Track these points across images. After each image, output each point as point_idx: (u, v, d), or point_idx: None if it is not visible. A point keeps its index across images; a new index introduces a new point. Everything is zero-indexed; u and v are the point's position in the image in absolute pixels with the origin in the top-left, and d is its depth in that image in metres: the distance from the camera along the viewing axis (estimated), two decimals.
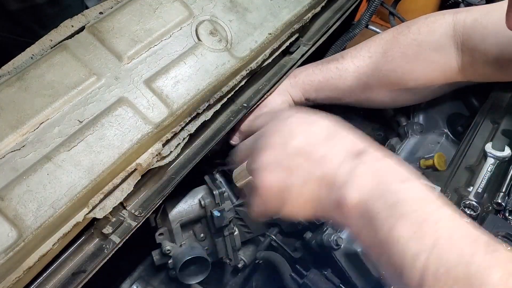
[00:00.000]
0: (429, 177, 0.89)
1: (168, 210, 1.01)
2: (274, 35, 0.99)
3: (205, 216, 1.04)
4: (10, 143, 0.70)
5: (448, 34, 0.96)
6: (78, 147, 0.73)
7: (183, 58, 0.87)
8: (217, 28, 0.93)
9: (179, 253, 1.00)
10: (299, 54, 1.11)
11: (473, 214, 0.79)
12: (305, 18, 1.07)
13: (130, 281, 1.10)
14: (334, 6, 1.23)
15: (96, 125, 0.75)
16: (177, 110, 0.83)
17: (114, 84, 0.80)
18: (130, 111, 0.79)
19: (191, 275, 1.02)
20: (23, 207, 0.66)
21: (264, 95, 1.03)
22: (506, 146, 0.91)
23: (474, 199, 0.83)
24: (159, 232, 1.02)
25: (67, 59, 0.79)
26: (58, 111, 0.74)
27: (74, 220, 0.71)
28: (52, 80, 0.76)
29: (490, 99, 1.03)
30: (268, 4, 1.02)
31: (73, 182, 0.70)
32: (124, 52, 0.83)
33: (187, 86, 0.85)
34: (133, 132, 0.77)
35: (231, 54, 0.92)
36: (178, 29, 0.90)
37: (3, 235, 0.63)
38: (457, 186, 0.86)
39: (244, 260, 1.13)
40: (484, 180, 0.86)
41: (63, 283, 0.73)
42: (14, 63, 0.77)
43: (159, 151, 0.81)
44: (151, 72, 0.84)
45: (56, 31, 0.82)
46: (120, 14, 0.86)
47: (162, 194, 0.85)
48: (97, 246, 0.78)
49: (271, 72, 1.08)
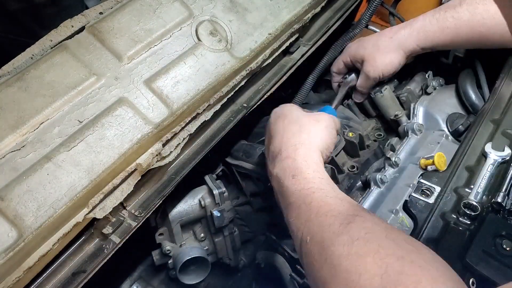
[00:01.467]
0: (429, 177, 0.89)
1: (168, 210, 1.01)
2: (274, 35, 0.99)
3: (205, 216, 1.04)
4: (10, 143, 0.70)
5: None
6: (78, 147, 0.73)
7: (183, 58, 0.87)
8: (217, 28, 0.93)
9: (179, 253, 1.00)
10: (299, 54, 1.11)
11: (473, 214, 0.79)
12: (305, 18, 1.07)
13: (130, 281, 1.10)
14: (334, 6, 1.23)
15: (96, 125, 0.75)
16: (177, 110, 0.83)
17: (114, 84, 0.80)
18: (130, 111, 0.79)
19: (191, 275, 1.02)
20: (23, 207, 0.66)
21: (264, 95, 1.03)
22: (506, 146, 0.91)
23: (474, 199, 0.83)
24: (159, 232, 1.02)
25: (67, 59, 0.79)
26: (58, 111, 0.74)
27: (74, 220, 0.71)
28: (52, 80, 0.76)
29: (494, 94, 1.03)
30: (268, 4, 1.02)
31: (73, 182, 0.70)
32: (124, 52, 0.83)
33: (187, 86, 0.85)
34: (133, 132, 0.77)
35: (231, 54, 0.92)
36: (178, 29, 0.90)
37: (3, 235, 0.63)
38: (457, 186, 0.86)
39: (244, 260, 1.13)
40: (484, 180, 0.86)
41: (63, 283, 0.73)
42: (14, 63, 0.77)
43: (159, 151, 0.81)
44: (151, 72, 0.84)
45: (56, 31, 0.82)
46: (120, 14, 0.86)
47: (162, 194, 0.85)
48: (97, 246, 0.78)
49: (271, 72, 1.08)
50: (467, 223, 0.79)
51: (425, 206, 0.85)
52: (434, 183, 0.88)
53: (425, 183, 0.88)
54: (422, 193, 0.87)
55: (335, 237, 0.61)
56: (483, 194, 0.84)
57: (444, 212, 0.82)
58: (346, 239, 0.59)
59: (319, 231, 0.64)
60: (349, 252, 0.57)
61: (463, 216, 0.80)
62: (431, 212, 0.83)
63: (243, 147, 1.10)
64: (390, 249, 0.56)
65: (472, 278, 0.69)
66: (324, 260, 0.60)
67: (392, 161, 1.00)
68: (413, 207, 0.85)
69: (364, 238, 0.59)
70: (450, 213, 0.82)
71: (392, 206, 0.90)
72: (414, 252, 0.56)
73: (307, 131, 0.83)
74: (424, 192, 0.87)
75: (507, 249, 0.70)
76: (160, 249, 1.02)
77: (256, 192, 1.06)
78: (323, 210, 0.67)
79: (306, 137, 0.82)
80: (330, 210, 0.66)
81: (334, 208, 0.67)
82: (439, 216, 0.82)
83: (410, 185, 0.93)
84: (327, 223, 0.64)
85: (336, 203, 0.68)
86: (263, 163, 1.02)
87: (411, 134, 1.10)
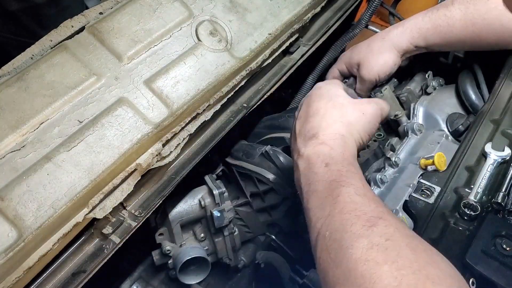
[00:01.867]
0: (429, 177, 0.89)
1: (168, 210, 1.01)
2: (274, 35, 0.99)
3: (205, 216, 1.04)
4: (10, 143, 0.70)
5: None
6: (78, 147, 0.73)
7: (183, 58, 0.87)
8: (217, 28, 0.93)
9: (179, 253, 1.00)
10: (299, 54, 1.11)
11: (473, 214, 0.79)
12: (305, 18, 1.07)
13: (130, 281, 1.10)
14: (334, 6, 1.23)
15: (96, 125, 0.75)
16: (177, 110, 0.83)
17: (114, 84, 0.80)
18: (130, 111, 0.79)
19: (191, 275, 1.02)
20: (23, 207, 0.66)
21: (264, 95, 1.03)
22: (506, 146, 0.91)
23: (474, 199, 0.82)
24: (159, 232, 1.02)
25: (67, 59, 0.79)
26: (58, 111, 0.74)
27: (74, 220, 0.71)
28: (52, 80, 0.76)
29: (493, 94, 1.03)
30: (268, 4, 1.02)
31: (73, 182, 0.70)
32: (124, 52, 0.83)
33: (187, 86, 0.85)
34: (133, 132, 0.77)
35: (231, 54, 0.92)
36: (178, 29, 0.90)
37: (3, 235, 0.63)
38: (457, 186, 0.86)
39: (244, 260, 1.13)
40: (484, 180, 0.86)
41: (63, 283, 0.73)
42: (14, 64, 0.77)
43: (159, 151, 0.81)
44: (151, 72, 0.84)
45: (56, 32, 0.82)
46: (120, 14, 0.86)
47: (162, 194, 0.85)
48: (97, 246, 0.78)
49: (271, 72, 1.08)
50: (467, 223, 0.79)
51: (425, 206, 0.85)
52: (434, 183, 0.88)
53: (425, 183, 0.88)
54: (422, 193, 0.87)
55: (355, 239, 0.59)
56: (483, 194, 0.84)
57: (444, 212, 0.82)
58: (366, 243, 0.58)
59: (340, 229, 0.62)
60: (367, 258, 0.56)
61: (463, 216, 0.80)
62: (431, 212, 0.83)
63: (243, 147, 1.09)
64: (408, 260, 0.55)
65: (472, 278, 0.69)
66: (340, 261, 0.59)
67: (392, 161, 1.00)
68: (413, 207, 0.85)
69: (384, 245, 0.57)
70: (450, 213, 0.82)
71: (392, 206, 0.90)
72: (431, 266, 0.55)
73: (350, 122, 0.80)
74: (424, 192, 0.87)
75: (507, 249, 0.70)
76: (160, 249, 1.02)
77: (256, 192, 1.06)
78: (348, 208, 0.64)
79: (347, 129, 0.79)
80: (355, 209, 0.64)
81: (359, 207, 0.64)
82: (439, 216, 0.82)
83: (410, 185, 0.93)
84: (349, 223, 0.62)
85: (363, 202, 0.65)
86: (263, 163, 1.02)
87: (411, 134, 1.10)
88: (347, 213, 0.64)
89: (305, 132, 0.81)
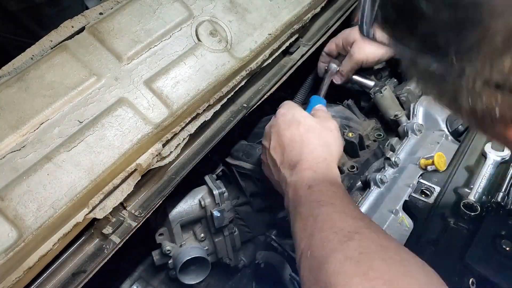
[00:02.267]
0: (429, 177, 0.89)
1: (168, 210, 1.01)
2: (274, 36, 0.99)
3: (205, 216, 1.04)
4: (10, 143, 0.70)
5: None
6: (78, 148, 0.73)
7: (183, 59, 0.87)
8: (217, 28, 0.94)
9: (179, 253, 1.00)
10: (299, 55, 1.11)
11: (472, 214, 0.79)
12: (305, 19, 1.07)
13: (130, 281, 1.10)
14: (334, 6, 1.23)
15: (96, 126, 0.75)
16: (177, 110, 0.83)
17: (114, 85, 0.80)
18: (130, 112, 0.79)
19: (191, 275, 1.02)
20: (23, 207, 0.66)
21: (264, 95, 1.03)
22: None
23: (473, 199, 0.83)
24: (159, 232, 1.02)
25: (67, 59, 0.79)
26: (58, 111, 0.74)
27: (74, 221, 0.71)
28: (52, 81, 0.76)
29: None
30: (268, 4, 1.02)
31: (73, 183, 0.70)
32: (124, 52, 0.83)
33: (187, 86, 0.85)
34: (133, 133, 0.77)
35: (231, 54, 0.92)
36: (178, 29, 0.90)
37: (3, 235, 0.63)
38: (457, 186, 0.86)
39: (244, 260, 1.13)
40: (484, 180, 0.87)
41: (63, 283, 0.73)
42: (14, 64, 0.77)
43: (159, 151, 0.81)
44: (151, 72, 0.84)
45: (56, 32, 0.82)
46: (120, 14, 0.86)
47: (162, 194, 0.85)
48: (97, 246, 0.78)
49: (271, 73, 1.08)
50: (467, 223, 0.79)
51: (425, 206, 0.85)
52: (434, 183, 0.88)
53: (425, 183, 0.88)
54: (422, 193, 0.87)
55: (330, 254, 0.61)
56: (482, 194, 0.84)
57: (444, 212, 0.82)
58: (340, 257, 0.60)
59: (319, 247, 0.64)
60: (339, 271, 0.58)
61: (463, 216, 0.80)
62: (431, 212, 0.83)
63: (243, 147, 1.10)
64: (379, 272, 0.57)
65: (472, 278, 0.69)
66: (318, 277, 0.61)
67: (392, 161, 1.00)
68: (413, 207, 0.86)
69: (356, 258, 0.59)
70: (450, 213, 0.82)
71: (392, 206, 0.91)
72: (404, 276, 0.57)
73: (328, 143, 0.85)
74: (424, 192, 0.87)
75: (507, 249, 0.70)
76: (160, 249, 1.02)
77: (256, 192, 1.06)
78: (326, 226, 0.67)
79: (327, 150, 0.84)
80: (333, 226, 0.66)
81: (337, 224, 0.67)
82: (439, 216, 0.82)
83: (410, 185, 0.93)
84: (326, 239, 0.64)
85: (341, 218, 0.68)
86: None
87: (411, 134, 1.10)
88: (325, 230, 0.66)
89: (288, 161, 0.84)
